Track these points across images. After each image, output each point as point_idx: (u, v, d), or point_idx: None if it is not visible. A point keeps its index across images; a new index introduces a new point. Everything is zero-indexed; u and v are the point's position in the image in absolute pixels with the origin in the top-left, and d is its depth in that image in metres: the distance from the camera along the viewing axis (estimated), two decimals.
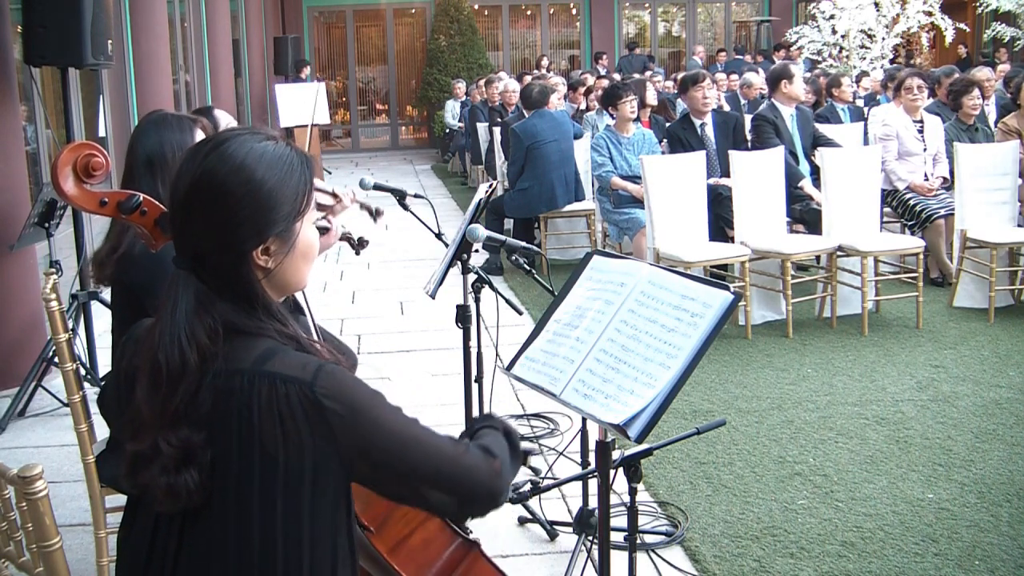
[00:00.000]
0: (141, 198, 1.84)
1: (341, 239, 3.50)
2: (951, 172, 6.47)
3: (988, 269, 5.84)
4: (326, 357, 1.53)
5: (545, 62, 17.27)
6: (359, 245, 3.56)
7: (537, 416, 4.41)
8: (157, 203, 1.87)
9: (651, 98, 8.19)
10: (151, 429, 1.47)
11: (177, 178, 1.54)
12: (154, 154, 2.61)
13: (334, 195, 3.23)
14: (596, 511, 2.25)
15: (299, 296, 1.96)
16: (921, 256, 5.89)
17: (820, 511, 3.51)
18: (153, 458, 1.47)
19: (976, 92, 6.92)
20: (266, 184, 1.51)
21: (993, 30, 15.48)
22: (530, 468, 1.84)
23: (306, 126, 13.74)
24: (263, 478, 1.47)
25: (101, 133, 7.21)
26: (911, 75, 7.07)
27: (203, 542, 1.50)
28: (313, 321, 1.99)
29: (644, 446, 2.11)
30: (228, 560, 1.49)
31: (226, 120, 3.33)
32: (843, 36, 14.41)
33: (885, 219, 6.62)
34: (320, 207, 3.05)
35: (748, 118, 7.70)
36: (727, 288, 2.06)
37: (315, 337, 1.79)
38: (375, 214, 3.53)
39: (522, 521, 3.50)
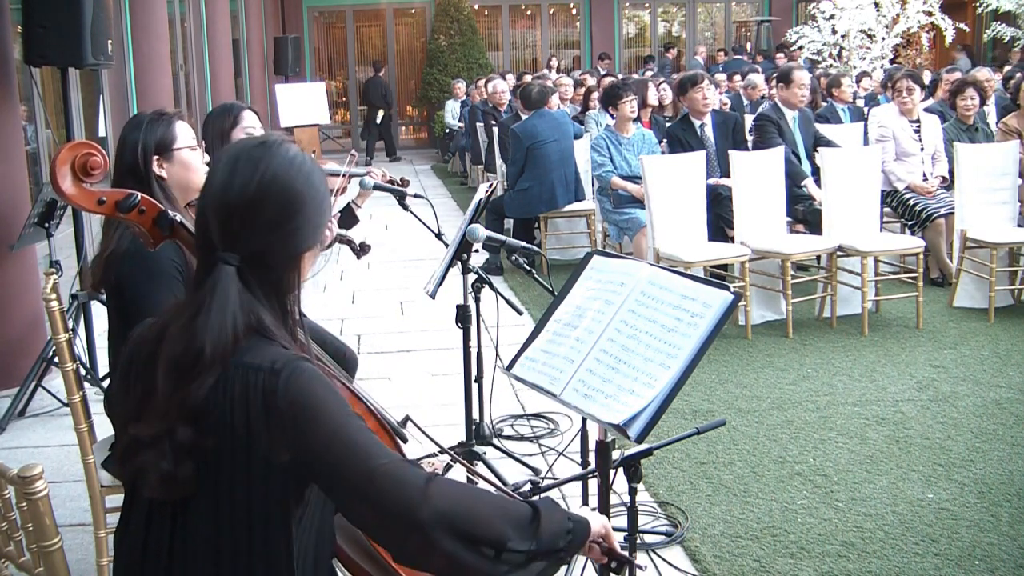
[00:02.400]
0: (139, 197, 1.84)
1: (343, 243, 3.50)
2: (951, 172, 6.46)
3: (988, 269, 5.84)
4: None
5: (555, 62, 17.17)
6: (361, 251, 3.55)
7: (537, 416, 4.42)
8: (155, 202, 1.87)
9: (651, 98, 8.19)
10: (160, 416, 1.48)
11: (231, 178, 1.53)
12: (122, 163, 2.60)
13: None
14: (596, 511, 2.25)
15: None
16: (921, 256, 5.88)
17: (820, 511, 3.51)
18: (152, 444, 1.48)
19: (970, 92, 6.91)
20: (322, 189, 1.59)
21: (993, 30, 15.49)
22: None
23: (311, 126, 13.76)
24: (240, 470, 1.48)
25: (101, 133, 7.21)
26: (902, 77, 7.06)
27: (192, 534, 1.52)
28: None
29: (644, 446, 2.11)
30: (211, 551, 1.50)
31: (251, 121, 3.26)
32: (843, 36, 14.42)
33: (885, 219, 6.62)
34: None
35: (749, 118, 7.72)
36: (727, 288, 2.06)
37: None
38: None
39: None
